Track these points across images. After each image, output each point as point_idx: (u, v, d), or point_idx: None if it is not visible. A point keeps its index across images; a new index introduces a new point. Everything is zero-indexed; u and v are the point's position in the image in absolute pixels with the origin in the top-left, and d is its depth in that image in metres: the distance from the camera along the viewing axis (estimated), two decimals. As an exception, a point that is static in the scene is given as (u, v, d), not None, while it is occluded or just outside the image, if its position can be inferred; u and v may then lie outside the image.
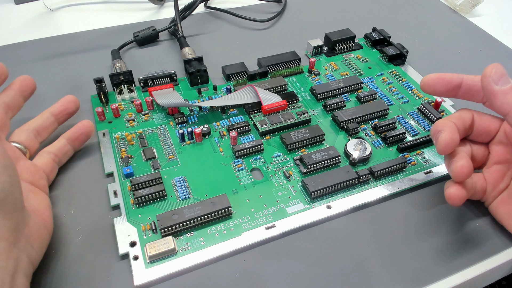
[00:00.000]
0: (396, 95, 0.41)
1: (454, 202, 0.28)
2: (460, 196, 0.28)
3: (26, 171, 0.29)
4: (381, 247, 0.29)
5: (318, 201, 0.32)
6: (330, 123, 0.38)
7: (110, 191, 0.31)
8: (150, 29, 0.48)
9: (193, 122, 0.38)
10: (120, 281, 0.27)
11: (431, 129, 0.30)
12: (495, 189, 0.30)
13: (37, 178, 0.30)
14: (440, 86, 0.30)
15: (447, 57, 0.48)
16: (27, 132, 0.32)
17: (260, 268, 0.28)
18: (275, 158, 0.35)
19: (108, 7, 0.56)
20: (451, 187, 0.28)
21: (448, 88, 0.30)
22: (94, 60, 0.45)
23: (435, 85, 0.30)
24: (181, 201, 0.31)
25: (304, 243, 0.29)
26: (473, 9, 0.55)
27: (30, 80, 0.33)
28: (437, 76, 0.30)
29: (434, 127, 0.29)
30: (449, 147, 0.28)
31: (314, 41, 0.46)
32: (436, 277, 0.28)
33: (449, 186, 0.28)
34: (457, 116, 0.30)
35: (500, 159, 0.30)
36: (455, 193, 0.28)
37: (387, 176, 0.33)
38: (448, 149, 0.28)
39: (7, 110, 0.31)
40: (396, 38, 0.48)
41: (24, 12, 0.54)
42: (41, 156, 0.32)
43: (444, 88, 0.30)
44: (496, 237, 0.30)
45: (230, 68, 0.43)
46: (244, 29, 0.52)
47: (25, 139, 0.32)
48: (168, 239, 0.28)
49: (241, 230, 0.29)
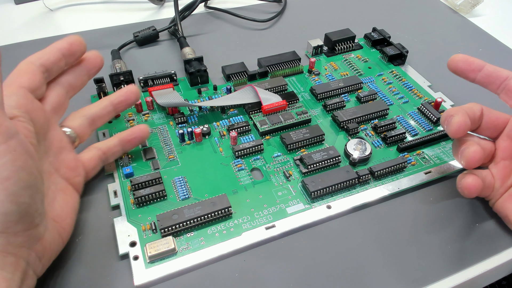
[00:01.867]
0: (396, 95, 0.41)
1: (470, 192, 0.28)
2: (477, 185, 0.28)
3: (65, 166, 0.28)
4: (381, 247, 0.29)
5: (318, 201, 0.32)
6: (330, 123, 0.38)
7: (110, 191, 0.31)
8: (150, 29, 0.48)
9: (193, 122, 0.38)
10: (120, 281, 0.27)
11: (443, 115, 0.30)
12: (503, 185, 0.30)
13: (74, 174, 0.29)
14: (463, 64, 0.32)
15: (447, 57, 0.47)
16: (82, 119, 0.30)
17: (260, 268, 0.28)
18: (275, 158, 0.35)
19: (108, 7, 0.56)
20: (467, 177, 0.28)
21: (470, 67, 0.31)
22: (94, 60, 0.45)
23: (458, 62, 0.32)
24: (181, 201, 0.31)
25: (304, 243, 0.29)
26: (473, 9, 0.55)
27: (99, 57, 0.31)
28: (462, 56, 0.32)
29: (446, 113, 0.30)
30: (461, 129, 0.28)
31: (314, 41, 0.46)
32: (436, 277, 0.28)
33: (464, 176, 0.29)
34: (468, 106, 0.30)
35: (508, 155, 0.30)
36: (472, 182, 0.28)
37: (387, 176, 0.33)
38: (460, 131, 0.29)
39: (69, 89, 0.30)
40: (396, 38, 0.48)
41: (24, 12, 0.54)
42: (89, 151, 0.31)
43: (467, 67, 0.32)
44: (496, 237, 0.30)
45: (230, 68, 0.43)
46: (244, 29, 0.52)
47: (78, 125, 0.30)
48: (168, 239, 0.28)
49: (241, 230, 0.29)
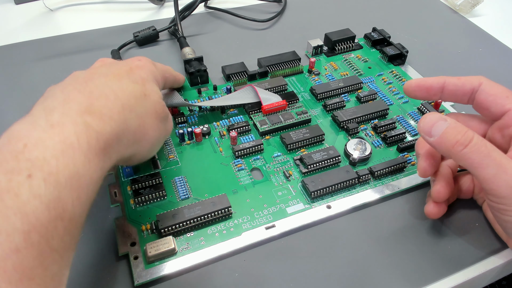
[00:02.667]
0: (396, 95, 0.41)
1: (432, 217, 0.30)
2: (437, 213, 0.29)
3: None
4: (381, 247, 0.29)
5: (318, 201, 0.32)
6: (330, 123, 0.38)
7: (110, 191, 0.31)
8: (150, 29, 0.48)
9: (193, 122, 0.38)
10: (120, 281, 0.27)
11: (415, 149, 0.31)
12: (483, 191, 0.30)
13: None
14: (420, 92, 0.30)
15: (447, 57, 0.48)
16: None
17: (260, 268, 0.28)
18: (275, 158, 0.35)
19: (108, 7, 0.56)
20: (429, 204, 0.30)
21: (429, 94, 0.30)
22: (94, 60, 0.45)
23: (415, 92, 0.30)
24: (181, 201, 0.31)
25: (304, 243, 0.29)
26: (473, 9, 0.55)
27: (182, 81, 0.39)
28: (416, 83, 0.30)
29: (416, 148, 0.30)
30: (427, 172, 0.29)
31: (314, 41, 0.46)
32: (436, 277, 0.28)
33: (428, 201, 0.30)
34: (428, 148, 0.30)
35: None
36: (432, 211, 0.29)
37: (387, 176, 0.33)
38: (427, 174, 0.29)
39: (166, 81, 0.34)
40: (396, 38, 0.48)
41: (24, 12, 0.54)
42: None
43: (425, 94, 0.30)
44: (495, 237, 0.30)
45: (230, 68, 0.43)
46: (244, 29, 0.52)
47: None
48: (168, 239, 0.28)
49: (241, 230, 0.29)
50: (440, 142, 0.26)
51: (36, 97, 0.36)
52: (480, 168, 0.24)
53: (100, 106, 0.23)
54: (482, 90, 0.28)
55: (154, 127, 0.28)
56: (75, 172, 0.20)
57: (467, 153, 0.25)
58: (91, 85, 0.24)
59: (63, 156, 0.19)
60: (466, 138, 0.25)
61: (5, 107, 0.39)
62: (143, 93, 0.27)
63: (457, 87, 0.29)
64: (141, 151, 0.27)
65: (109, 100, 0.24)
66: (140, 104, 0.26)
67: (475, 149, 0.24)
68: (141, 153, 0.28)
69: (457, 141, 0.25)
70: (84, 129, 0.21)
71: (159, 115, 0.28)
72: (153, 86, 0.29)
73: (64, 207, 0.19)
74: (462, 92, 0.29)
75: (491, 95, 0.28)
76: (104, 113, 0.22)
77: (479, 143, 0.25)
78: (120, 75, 0.26)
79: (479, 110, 0.29)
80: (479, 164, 0.24)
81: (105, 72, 0.26)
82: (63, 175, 0.19)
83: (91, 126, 0.21)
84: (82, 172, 0.20)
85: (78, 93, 0.23)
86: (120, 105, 0.24)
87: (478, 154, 0.24)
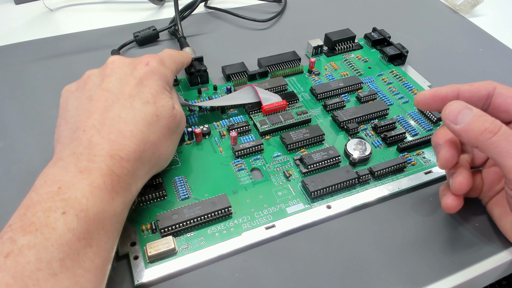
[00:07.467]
0: (396, 95, 0.41)
1: (450, 211, 0.29)
2: (456, 207, 0.28)
3: None
4: (381, 247, 0.29)
5: (318, 201, 0.32)
6: (330, 123, 0.38)
7: (110, 191, 0.31)
8: (150, 29, 0.48)
9: (193, 122, 0.38)
10: (120, 281, 0.27)
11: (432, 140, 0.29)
12: (492, 189, 0.30)
13: None
14: (435, 104, 0.29)
15: (447, 57, 0.48)
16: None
17: (260, 268, 0.28)
18: (275, 158, 0.35)
19: (108, 7, 0.56)
20: (448, 197, 0.28)
21: (444, 104, 0.27)
22: (94, 60, 0.45)
23: (429, 103, 0.29)
24: (181, 201, 0.31)
25: (304, 243, 0.29)
26: (473, 9, 0.55)
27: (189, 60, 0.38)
28: (431, 94, 0.28)
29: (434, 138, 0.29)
30: (450, 163, 0.28)
31: (314, 41, 0.46)
32: (436, 277, 0.28)
33: (445, 195, 0.29)
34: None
35: None
36: (452, 204, 0.28)
37: (387, 176, 0.33)
38: (450, 165, 0.28)
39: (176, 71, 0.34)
40: (396, 38, 0.48)
41: (24, 12, 0.54)
42: None
43: (440, 105, 0.28)
44: (495, 237, 0.30)
45: (230, 68, 0.43)
46: (244, 29, 0.52)
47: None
48: (168, 239, 0.28)
49: (241, 230, 0.29)
50: (468, 129, 0.25)
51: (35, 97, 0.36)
52: (508, 158, 0.24)
53: (118, 151, 0.25)
54: (498, 93, 0.28)
55: (167, 144, 0.29)
56: (102, 208, 0.23)
57: (496, 141, 0.24)
58: (108, 123, 0.26)
59: (92, 196, 0.23)
60: (496, 126, 0.25)
61: (5, 107, 0.39)
62: (155, 115, 0.28)
63: (472, 93, 0.28)
64: (159, 168, 0.30)
65: (126, 139, 0.26)
66: (153, 130, 0.28)
67: (504, 137, 0.24)
68: (160, 168, 0.30)
69: (486, 129, 0.25)
70: (108, 172, 0.24)
71: (171, 129, 0.29)
72: (163, 98, 0.29)
73: (92, 237, 0.22)
74: (477, 98, 0.28)
75: (509, 97, 0.28)
76: (122, 157, 0.25)
77: (507, 132, 0.25)
78: (131, 95, 0.28)
79: (497, 113, 0.28)
80: (508, 153, 0.24)
81: (116, 93, 0.28)
82: (92, 212, 0.23)
83: (113, 170, 0.25)
84: (106, 208, 0.24)
85: (99, 136, 0.26)
86: (135, 143, 0.26)
87: (508, 142, 0.24)
